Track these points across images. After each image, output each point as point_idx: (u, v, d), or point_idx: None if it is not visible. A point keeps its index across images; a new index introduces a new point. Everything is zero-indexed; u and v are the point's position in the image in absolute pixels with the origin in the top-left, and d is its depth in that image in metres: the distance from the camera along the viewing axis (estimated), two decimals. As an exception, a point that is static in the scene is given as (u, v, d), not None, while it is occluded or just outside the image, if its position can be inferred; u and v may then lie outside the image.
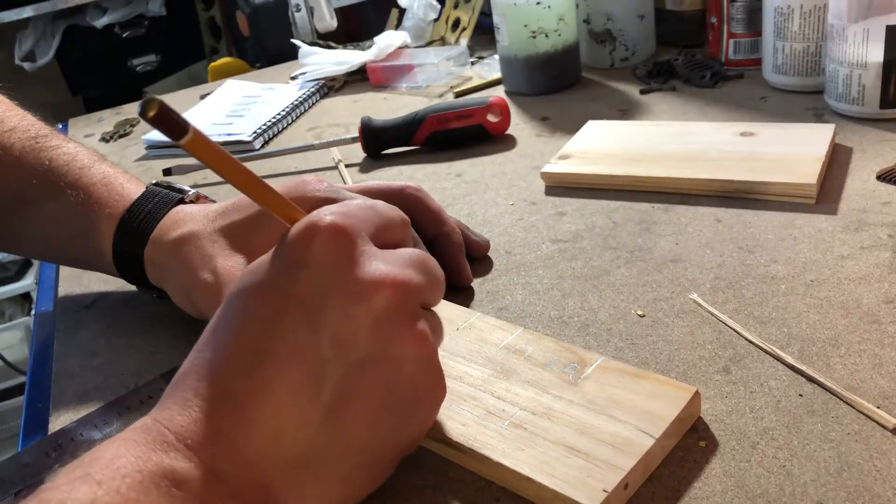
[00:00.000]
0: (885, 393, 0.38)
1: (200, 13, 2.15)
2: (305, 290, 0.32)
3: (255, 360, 0.32)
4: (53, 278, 0.64)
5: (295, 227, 0.34)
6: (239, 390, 0.31)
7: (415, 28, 1.09)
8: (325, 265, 0.32)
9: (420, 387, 0.35)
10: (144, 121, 0.28)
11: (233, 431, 0.31)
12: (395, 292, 0.33)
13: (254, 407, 0.31)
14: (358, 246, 0.33)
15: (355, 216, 0.34)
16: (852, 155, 0.60)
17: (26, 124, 0.55)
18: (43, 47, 2.01)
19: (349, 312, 0.32)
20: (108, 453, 0.29)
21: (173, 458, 0.29)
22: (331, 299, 0.32)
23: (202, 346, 0.33)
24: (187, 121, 0.29)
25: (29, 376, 0.54)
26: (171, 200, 0.51)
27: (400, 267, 0.34)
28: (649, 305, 0.47)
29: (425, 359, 0.34)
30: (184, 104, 1.01)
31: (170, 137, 0.29)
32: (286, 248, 0.33)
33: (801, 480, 0.34)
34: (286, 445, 0.31)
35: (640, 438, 0.35)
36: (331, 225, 0.33)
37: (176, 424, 0.31)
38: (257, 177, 0.34)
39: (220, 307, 0.34)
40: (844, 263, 0.48)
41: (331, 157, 0.78)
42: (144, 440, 0.30)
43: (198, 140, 0.30)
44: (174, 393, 0.32)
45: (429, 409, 0.36)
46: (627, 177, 0.61)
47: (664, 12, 0.91)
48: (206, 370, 0.32)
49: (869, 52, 0.62)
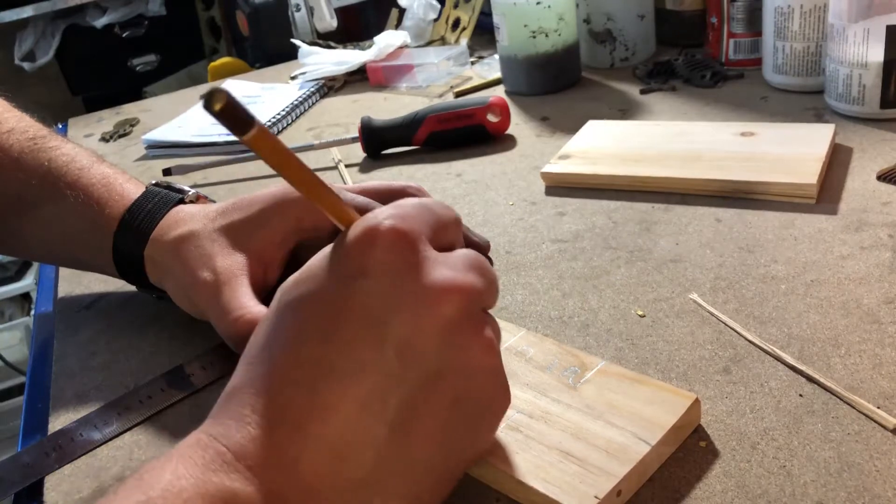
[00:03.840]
0: (885, 393, 0.37)
1: (200, 13, 2.15)
2: (368, 300, 0.30)
3: (317, 376, 0.30)
4: (53, 278, 0.64)
5: (352, 233, 0.32)
6: (300, 407, 0.29)
7: (415, 28, 1.09)
8: (388, 273, 0.31)
9: (487, 396, 0.33)
10: (208, 113, 0.26)
11: (294, 451, 0.29)
12: (462, 299, 0.31)
13: (317, 425, 0.29)
14: (420, 251, 0.31)
15: (413, 218, 0.32)
16: (852, 155, 0.60)
17: (24, 125, 0.55)
18: (43, 47, 2.00)
19: (417, 323, 0.30)
20: (166, 473, 0.28)
21: (234, 480, 0.28)
22: (396, 310, 0.30)
23: (253, 359, 0.31)
24: (253, 115, 0.28)
25: (29, 376, 0.54)
26: (171, 200, 0.51)
27: (463, 272, 0.32)
28: (649, 305, 0.47)
29: (493, 367, 0.33)
30: (184, 104, 1.01)
31: (232, 132, 0.27)
32: (344, 256, 0.31)
33: (801, 481, 0.34)
34: (351, 465, 0.30)
35: (636, 445, 0.35)
36: (391, 230, 0.31)
37: (234, 443, 0.29)
38: (317, 176, 0.32)
39: (270, 318, 0.32)
40: (845, 263, 0.48)
41: (331, 157, 0.77)
42: (202, 459, 0.29)
43: (262, 136, 0.28)
44: (228, 407, 0.30)
45: (495, 418, 0.34)
46: (627, 177, 0.61)
47: (664, 12, 0.91)
48: (261, 385, 0.30)
49: (869, 52, 0.62)
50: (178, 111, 0.97)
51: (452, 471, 0.34)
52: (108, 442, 0.44)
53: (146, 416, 0.45)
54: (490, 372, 0.33)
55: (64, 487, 0.41)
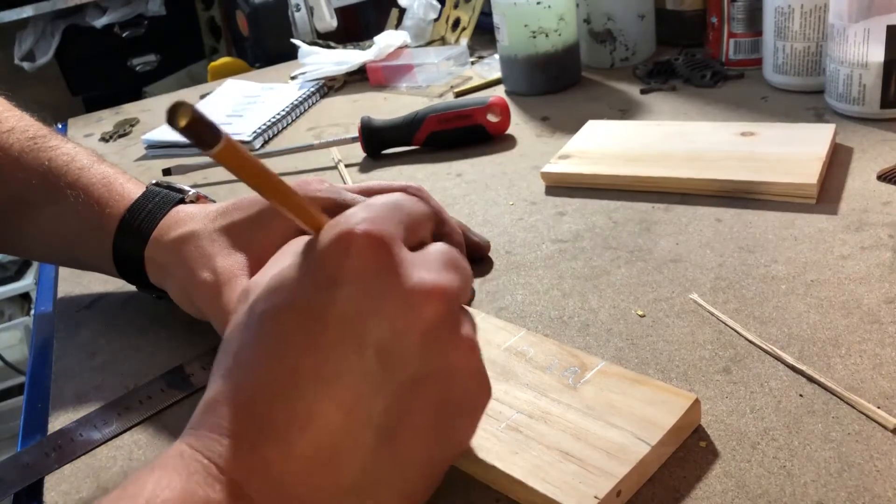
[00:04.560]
0: (885, 393, 0.37)
1: (200, 13, 2.15)
2: (345, 307, 0.30)
3: (298, 384, 0.29)
4: (53, 278, 0.64)
5: (325, 238, 0.31)
6: (282, 417, 0.29)
7: (415, 28, 1.09)
8: (365, 280, 0.30)
9: (469, 393, 0.33)
10: (172, 128, 0.25)
11: (279, 462, 0.29)
12: (441, 301, 0.31)
13: (301, 434, 0.29)
14: (395, 255, 0.31)
15: (386, 220, 0.32)
16: (853, 155, 0.60)
17: (24, 125, 0.55)
18: (43, 47, 2.01)
19: (397, 328, 0.30)
20: (149, 484, 0.28)
21: (219, 493, 0.28)
22: (375, 315, 0.30)
23: (229, 370, 0.31)
24: (220, 129, 0.27)
25: (28, 376, 0.54)
26: (172, 200, 0.51)
27: (440, 272, 0.31)
28: (649, 305, 0.47)
29: (474, 365, 0.33)
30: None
31: (197, 147, 0.26)
32: (318, 263, 0.31)
33: (801, 481, 0.34)
34: (339, 472, 0.30)
35: (635, 446, 0.35)
36: (365, 234, 0.30)
37: (217, 455, 0.29)
38: (285, 183, 0.32)
39: (240, 327, 0.32)
40: (845, 263, 0.48)
41: (330, 157, 0.77)
42: (186, 471, 0.28)
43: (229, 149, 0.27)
44: (207, 420, 0.30)
45: (477, 413, 0.34)
46: (627, 177, 0.61)
47: (664, 12, 0.91)
48: (241, 397, 0.30)
49: (869, 52, 0.62)
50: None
51: (439, 466, 0.34)
52: (107, 442, 0.44)
53: (146, 416, 0.45)
54: (471, 370, 0.33)
55: (64, 487, 0.41)
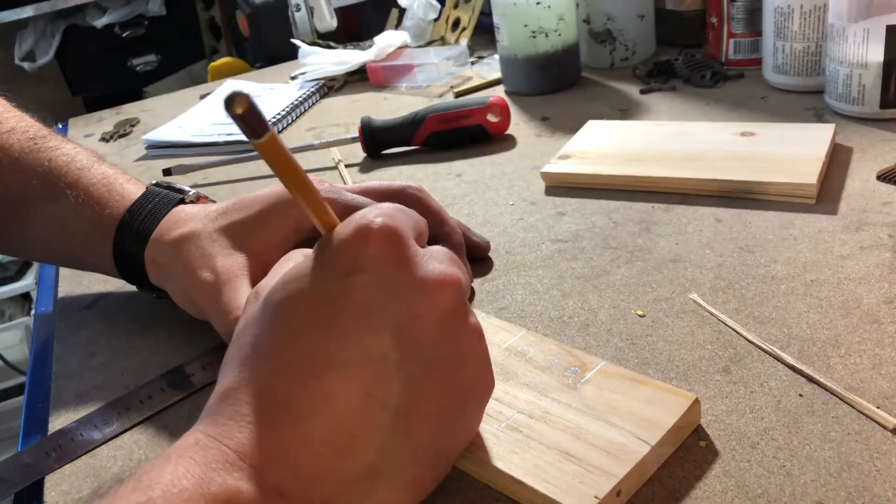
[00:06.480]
0: (885, 393, 0.37)
1: (200, 13, 2.15)
2: (364, 293, 0.31)
3: (316, 369, 0.30)
4: (53, 278, 0.64)
5: (343, 232, 0.32)
6: (299, 403, 0.30)
7: (415, 28, 1.09)
8: (383, 267, 0.32)
9: (476, 380, 0.35)
10: (228, 114, 0.27)
11: (298, 445, 0.30)
12: (455, 289, 0.33)
13: (318, 420, 0.30)
14: (410, 246, 0.33)
15: (399, 217, 0.33)
16: (852, 155, 0.60)
17: (24, 125, 0.55)
18: (43, 47, 2.00)
19: (415, 312, 0.31)
20: (166, 473, 0.28)
21: (237, 479, 0.28)
22: (394, 301, 0.31)
23: (246, 359, 0.32)
24: (268, 122, 0.29)
25: (29, 376, 0.54)
26: (172, 200, 0.51)
27: (449, 264, 0.33)
28: (649, 305, 0.47)
29: (482, 353, 0.35)
30: (184, 104, 1.01)
31: (247, 135, 0.28)
32: (336, 253, 0.32)
33: (801, 480, 0.34)
34: (356, 455, 0.30)
35: (635, 445, 0.35)
36: (383, 226, 0.32)
37: (236, 442, 0.29)
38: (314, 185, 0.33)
39: (255, 320, 0.33)
40: (844, 263, 0.48)
41: (331, 157, 0.78)
42: (203, 459, 0.29)
43: (273, 142, 0.29)
44: (225, 408, 0.31)
45: (483, 401, 0.36)
46: (627, 177, 0.61)
47: (664, 12, 0.91)
48: (259, 384, 0.31)
49: (869, 52, 0.62)
50: (178, 111, 0.97)
51: (449, 454, 0.35)
52: (108, 442, 0.44)
53: (146, 416, 0.45)
54: (479, 357, 0.35)
55: (64, 487, 0.41)
